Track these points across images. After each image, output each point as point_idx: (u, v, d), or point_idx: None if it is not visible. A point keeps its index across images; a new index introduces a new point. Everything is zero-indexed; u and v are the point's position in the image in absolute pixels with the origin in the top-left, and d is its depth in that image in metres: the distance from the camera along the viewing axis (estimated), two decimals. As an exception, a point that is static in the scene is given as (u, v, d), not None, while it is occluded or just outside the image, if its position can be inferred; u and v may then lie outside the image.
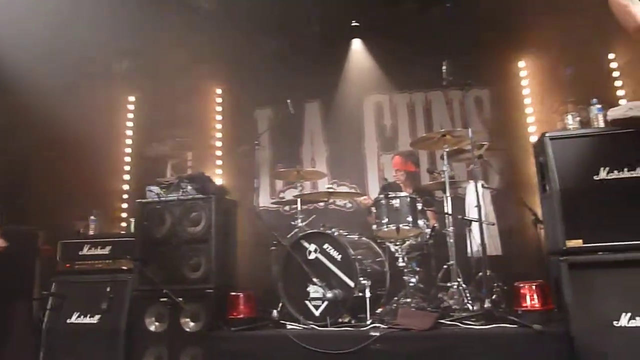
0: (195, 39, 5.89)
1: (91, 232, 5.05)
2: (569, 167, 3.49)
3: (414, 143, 4.88)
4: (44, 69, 4.97)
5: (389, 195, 4.17)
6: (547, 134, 3.59)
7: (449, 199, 4.27)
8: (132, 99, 6.81)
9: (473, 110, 5.85)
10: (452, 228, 4.16)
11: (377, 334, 3.47)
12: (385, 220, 4.12)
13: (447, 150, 4.25)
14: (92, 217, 5.13)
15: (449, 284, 4.06)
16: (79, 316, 4.47)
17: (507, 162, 5.60)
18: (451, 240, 4.14)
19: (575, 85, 5.32)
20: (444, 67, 4.11)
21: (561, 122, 4.01)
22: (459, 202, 5.08)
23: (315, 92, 6.38)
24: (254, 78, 6.25)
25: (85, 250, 4.76)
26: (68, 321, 4.47)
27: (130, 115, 6.77)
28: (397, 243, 4.23)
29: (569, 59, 5.55)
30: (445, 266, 4.22)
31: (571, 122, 3.79)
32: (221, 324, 4.04)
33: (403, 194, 4.26)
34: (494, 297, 4.00)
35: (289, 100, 4.94)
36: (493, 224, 4.62)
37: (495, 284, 4.15)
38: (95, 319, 4.41)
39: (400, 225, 4.06)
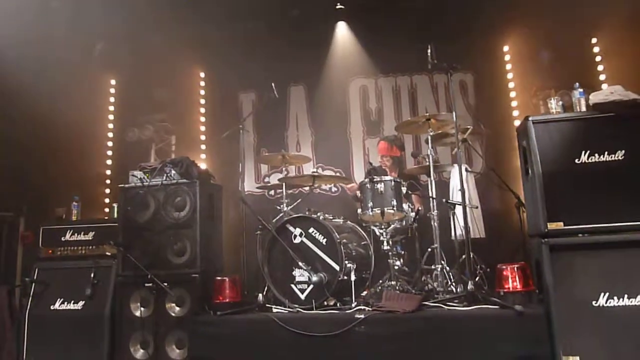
0: (178, 22, 5.77)
1: (74, 218, 4.99)
2: (551, 151, 3.54)
3: (398, 127, 4.89)
4: (23, 53, 4.84)
5: (374, 180, 4.19)
6: (530, 118, 3.63)
7: (434, 182, 4.31)
8: (113, 82, 6.68)
9: (458, 95, 5.86)
10: (436, 211, 4.19)
11: (362, 316, 3.51)
12: (370, 204, 4.14)
13: (432, 134, 4.27)
14: (74, 203, 5.07)
15: (433, 267, 4.11)
16: (62, 302, 4.43)
17: (491, 146, 5.65)
18: (435, 224, 4.18)
19: (559, 70, 5.36)
20: (429, 51, 4.10)
21: (544, 107, 4.05)
22: (443, 185, 5.14)
23: (300, 76, 6.33)
24: (238, 62, 6.16)
25: (68, 236, 4.71)
26: (52, 307, 4.43)
27: (112, 99, 6.66)
28: (382, 227, 4.27)
29: (552, 43, 5.57)
30: (429, 249, 4.26)
31: (554, 106, 3.83)
32: (207, 308, 4.05)
33: (388, 178, 4.27)
34: (477, 279, 4.07)
35: (273, 84, 4.90)
36: (477, 207, 4.67)
37: (478, 266, 4.22)
38: (79, 305, 4.38)
39: (385, 209, 4.09)
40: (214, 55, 6.32)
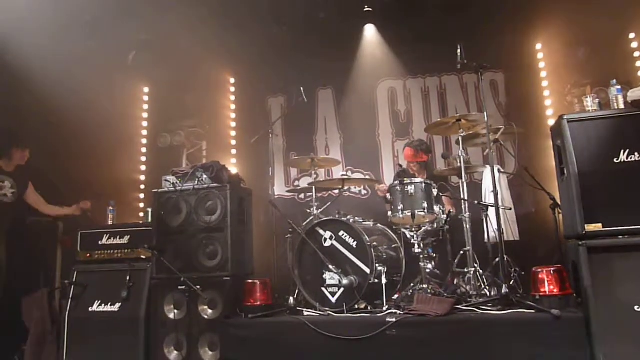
0: (207, 29, 5.87)
1: (110, 222, 5.12)
2: (588, 150, 3.43)
3: (428, 129, 4.84)
4: (60, 66, 5.03)
5: (404, 182, 4.15)
6: (565, 117, 3.53)
7: (465, 184, 4.24)
8: (146, 90, 6.86)
9: (488, 94, 5.76)
10: (468, 214, 4.13)
11: (394, 319, 3.47)
12: (401, 206, 4.10)
13: (462, 135, 4.20)
14: (110, 208, 5.20)
15: (465, 270, 4.04)
16: (100, 304, 4.54)
17: (524, 146, 5.48)
18: (467, 226, 4.11)
19: (594, 66, 5.21)
20: (458, 51, 4.04)
21: (580, 104, 3.94)
22: (475, 187, 5.05)
23: (328, 79, 6.35)
24: (266, 67, 6.24)
25: (105, 240, 4.83)
26: (90, 309, 4.54)
27: (145, 107, 6.84)
28: (413, 229, 4.21)
29: (587, 38, 5.41)
30: (461, 252, 4.19)
31: (590, 104, 3.71)
32: (238, 311, 4.09)
33: (418, 180, 4.23)
34: (511, 282, 3.98)
35: (301, 88, 4.94)
36: (510, 209, 4.57)
37: (512, 270, 4.12)
38: (116, 307, 4.48)
39: (416, 212, 4.05)
40: (243, 61, 6.41)
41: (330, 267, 3.97)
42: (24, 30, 4.70)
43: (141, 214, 6.16)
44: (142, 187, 6.50)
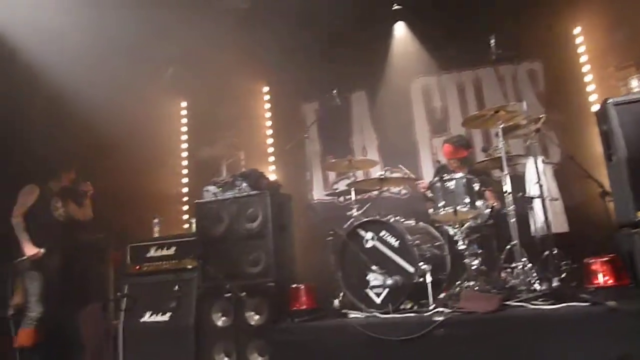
0: (237, 40, 6.00)
1: (156, 235, 5.28)
2: (637, 133, 3.28)
3: (465, 122, 4.73)
4: (102, 90, 5.24)
5: (444, 178, 4.08)
6: (610, 100, 3.40)
7: (508, 177, 4.12)
8: (184, 104, 7.06)
9: (527, 84, 5.60)
10: (512, 207, 4.01)
11: (441, 318, 3.41)
12: (442, 203, 4.04)
13: (502, 126, 4.10)
14: (155, 221, 5.37)
15: (513, 265, 3.92)
16: (151, 315, 4.69)
17: (568, 134, 5.31)
18: (512, 220, 3.99)
19: (638, 46, 4.96)
20: (492, 42, 3.95)
21: (625, 87, 3.77)
22: (518, 180, 4.88)
23: (361, 81, 6.33)
24: (299, 73, 6.30)
25: (152, 252, 4.98)
26: (141, 320, 4.70)
27: (184, 121, 7.03)
28: (456, 226, 4.14)
29: (628, 19, 5.17)
30: (508, 247, 4.07)
31: (636, 85, 3.55)
32: (284, 316, 4.11)
33: (458, 175, 4.15)
34: (562, 275, 3.82)
35: (334, 91, 4.94)
36: (556, 200, 4.41)
37: (563, 262, 3.96)
38: (166, 317, 4.62)
39: (458, 208, 3.97)
40: (276, 70, 6.50)
41: (373, 268, 3.95)
42: (69, 58, 4.92)
43: (185, 226, 6.33)
44: (185, 199, 6.67)
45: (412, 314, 3.74)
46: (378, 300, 3.94)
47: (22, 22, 4.73)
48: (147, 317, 4.69)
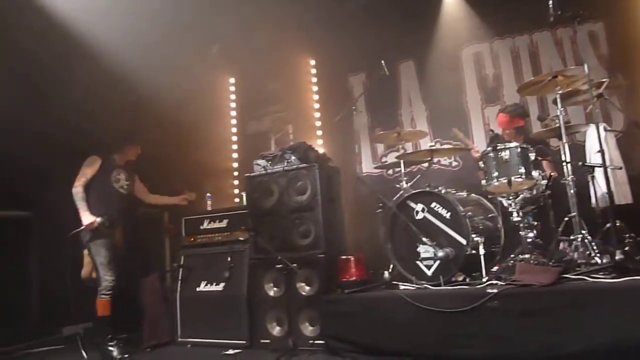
0: (284, 15, 5.96)
1: (209, 208, 5.43)
2: None
3: (521, 89, 4.50)
4: (149, 64, 5.38)
5: (498, 147, 3.94)
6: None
7: (567, 146, 3.93)
8: (232, 80, 7.14)
9: (587, 47, 5.26)
10: (571, 177, 3.83)
11: (495, 291, 3.33)
12: (495, 173, 3.91)
13: (560, 92, 3.89)
14: (208, 194, 5.53)
15: (571, 238, 3.77)
16: (206, 284, 4.85)
17: (633, 99, 4.98)
18: (572, 191, 3.82)
19: None
20: (550, 3, 3.72)
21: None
22: (577, 149, 4.65)
23: (409, 51, 6.16)
24: (345, 45, 6.19)
25: (206, 225, 5.13)
26: (197, 289, 4.88)
27: (233, 97, 7.13)
28: (510, 197, 4.01)
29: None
30: (566, 219, 3.90)
31: None
32: (334, 287, 4.16)
33: (513, 144, 3.99)
34: (625, 248, 3.64)
35: (382, 62, 4.84)
36: (620, 169, 4.16)
37: (626, 235, 3.77)
38: (220, 287, 4.76)
39: (512, 178, 3.84)
40: (322, 42, 6.42)
41: (424, 239, 3.90)
42: (129, 42, 5.13)
43: (236, 200, 6.47)
44: (235, 173, 6.81)
45: (464, 287, 3.68)
46: (429, 273, 3.91)
47: (83, 10, 5.00)
48: (202, 287, 4.87)
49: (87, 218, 4.48)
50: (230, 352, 4.38)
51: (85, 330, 4.96)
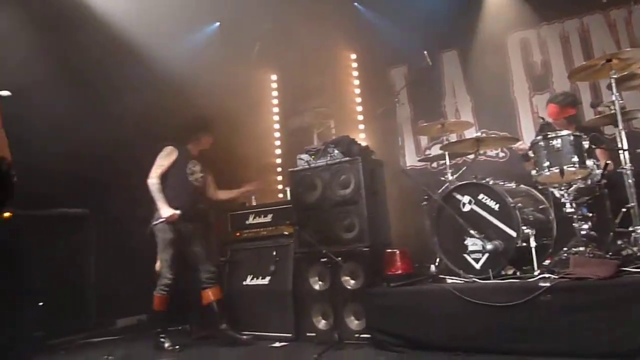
0: (324, 9, 5.95)
1: (254, 204, 5.50)
2: None
3: (572, 74, 4.31)
4: (196, 65, 5.63)
5: (549, 136, 3.79)
6: None
7: (623, 133, 3.74)
8: (274, 77, 7.21)
9: (644, 27, 4.98)
10: (629, 165, 3.64)
11: (548, 284, 3.21)
12: (547, 163, 3.76)
13: (615, 77, 3.70)
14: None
15: (630, 229, 3.58)
16: (252, 278, 4.93)
17: (697, 82, 4.68)
18: (630, 180, 3.63)
19: None
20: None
21: None
22: (635, 136, 4.45)
23: (452, 40, 6.03)
24: (386, 37, 6.15)
25: (251, 220, 5.21)
26: (244, 283, 4.97)
27: (275, 93, 7.19)
28: (562, 187, 3.85)
29: None
30: (623, 209, 3.71)
31: None
32: (380, 280, 4.13)
33: (565, 132, 3.83)
34: (690, 241, 3.43)
35: (425, 52, 4.75)
36: (684, 156, 3.92)
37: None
38: (266, 280, 4.83)
39: (565, 168, 3.68)
40: (362, 35, 6.41)
41: (472, 232, 3.81)
42: (176, 46, 5.56)
43: (280, 195, 6.52)
44: (279, 169, 6.88)
45: (515, 280, 3.57)
46: (477, 266, 3.81)
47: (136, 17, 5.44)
48: (248, 281, 4.95)
49: (166, 211, 4.49)
50: (277, 344, 4.43)
51: (139, 321, 5.14)
